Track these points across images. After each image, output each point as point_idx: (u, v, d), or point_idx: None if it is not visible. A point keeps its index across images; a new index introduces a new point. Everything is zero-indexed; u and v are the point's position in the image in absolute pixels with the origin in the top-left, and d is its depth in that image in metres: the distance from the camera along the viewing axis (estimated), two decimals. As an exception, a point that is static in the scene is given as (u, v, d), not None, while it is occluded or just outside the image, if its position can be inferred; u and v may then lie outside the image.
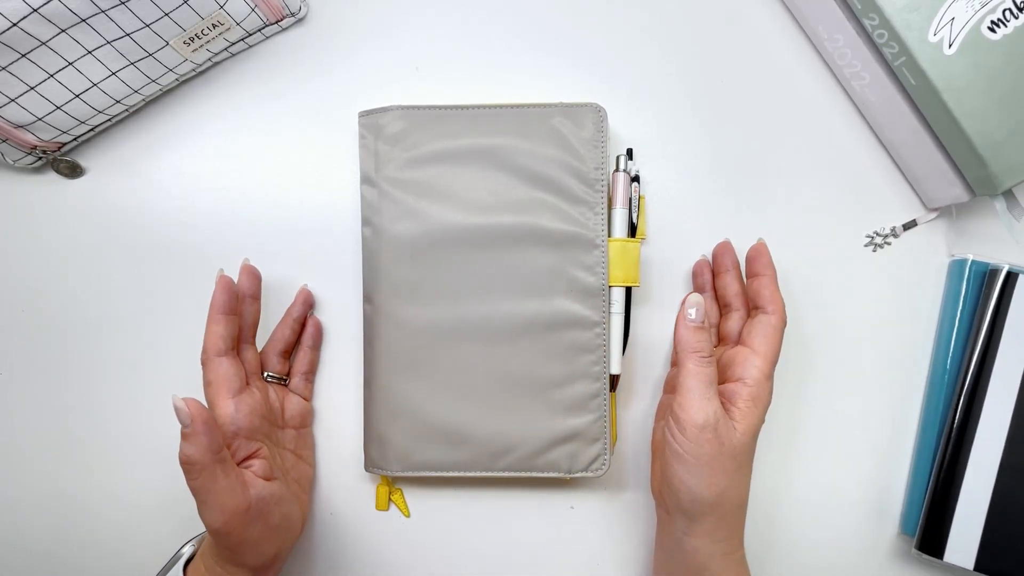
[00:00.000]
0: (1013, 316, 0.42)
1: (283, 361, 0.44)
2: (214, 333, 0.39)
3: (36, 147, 0.43)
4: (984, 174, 0.40)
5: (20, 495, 0.46)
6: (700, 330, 0.37)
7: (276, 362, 0.44)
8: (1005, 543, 0.41)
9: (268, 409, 0.41)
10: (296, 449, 0.43)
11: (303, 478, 0.43)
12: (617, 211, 0.42)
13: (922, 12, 0.39)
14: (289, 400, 0.44)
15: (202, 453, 0.33)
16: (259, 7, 0.42)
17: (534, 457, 0.41)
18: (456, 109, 0.42)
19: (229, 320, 0.39)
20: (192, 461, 0.34)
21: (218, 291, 0.39)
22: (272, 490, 0.37)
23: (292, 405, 0.43)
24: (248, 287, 0.42)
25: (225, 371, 0.38)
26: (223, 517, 0.34)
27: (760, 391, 0.37)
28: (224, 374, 0.38)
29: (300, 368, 0.45)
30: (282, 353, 0.44)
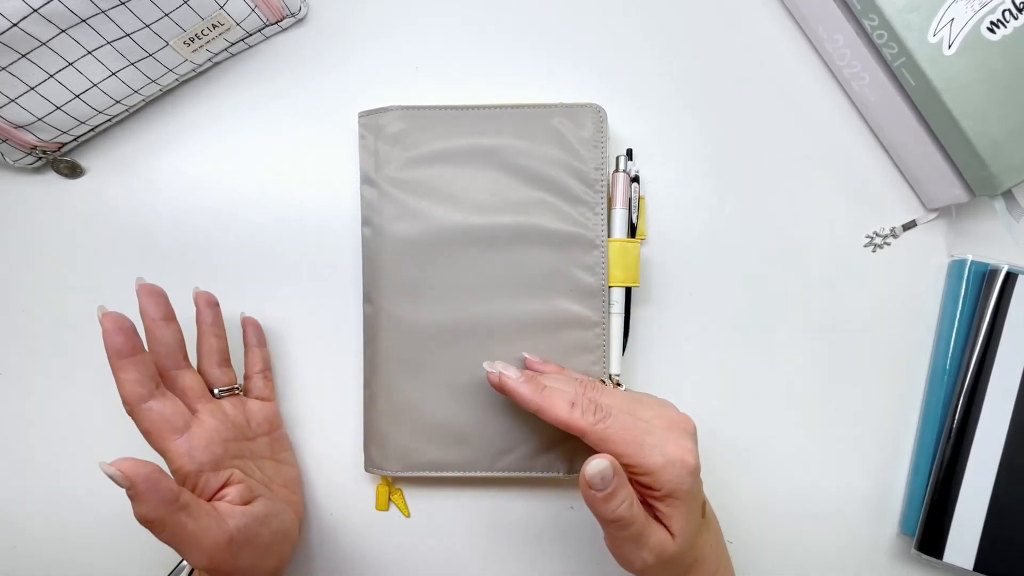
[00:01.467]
0: (1013, 316, 0.42)
1: (226, 371, 0.41)
2: (125, 381, 0.34)
3: (36, 147, 0.43)
4: (984, 174, 0.40)
5: (20, 495, 0.46)
6: (611, 497, 0.32)
7: (218, 374, 0.40)
8: (1005, 543, 0.41)
9: (228, 428, 0.38)
10: (273, 454, 0.42)
11: (289, 480, 0.42)
12: (617, 211, 0.42)
13: (922, 12, 0.39)
14: (250, 408, 0.41)
15: (156, 509, 0.31)
16: (259, 7, 0.42)
17: (534, 457, 0.41)
18: (456, 109, 0.42)
19: (138, 361, 0.34)
20: (149, 519, 0.31)
21: (109, 334, 0.34)
22: (255, 513, 0.35)
23: (255, 412, 0.41)
24: (154, 310, 0.37)
25: (158, 414, 0.35)
26: (205, 556, 0.33)
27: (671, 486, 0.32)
28: (158, 418, 0.35)
29: (253, 369, 0.43)
30: (220, 364, 0.41)
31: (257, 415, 0.41)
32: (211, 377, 0.40)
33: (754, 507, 0.45)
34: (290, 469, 0.43)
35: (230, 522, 0.34)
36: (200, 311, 0.41)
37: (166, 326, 0.37)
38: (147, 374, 0.35)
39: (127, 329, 0.34)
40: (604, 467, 0.31)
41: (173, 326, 0.38)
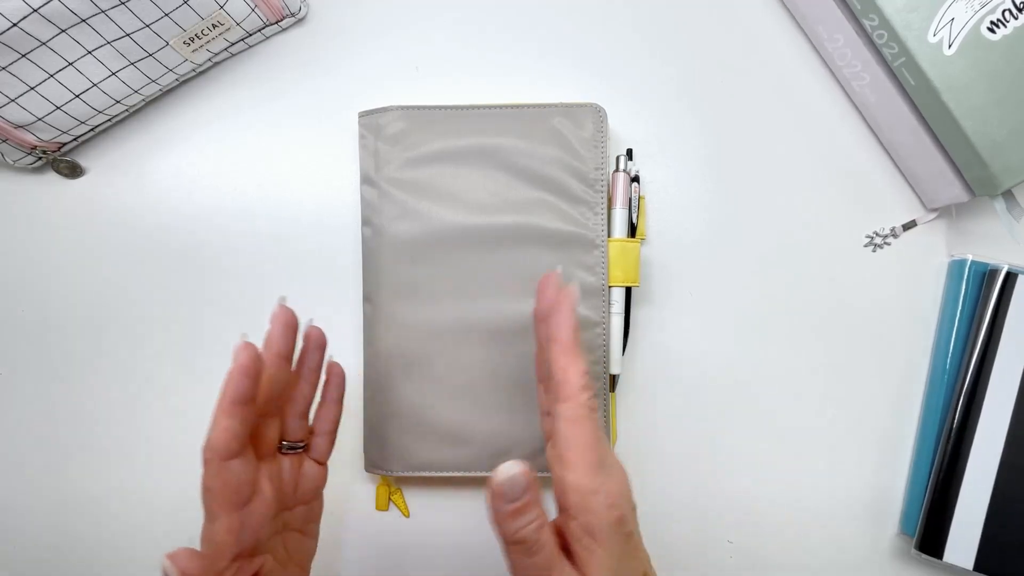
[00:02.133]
0: (1013, 316, 0.42)
1: (304, 424, 0.36)
2: (227, 429, 0.29)
3: (36, 147, 0.43)
4: (984, 174, 0.40)
5: (20, 495, 0.46)
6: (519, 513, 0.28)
7: (296, 427, 0.35)
8: (1005, 543, 0.41)
9: (280, 499, 0.33)
10: (304, 525, 0.36)
11: (304, 557, 0.37)
12: (617, 211, 0.42)
13: (922, 12, 0.39)
14: (304, 471, 0.36)
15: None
16: (259, 7, 0.42)
17: (534, 457, 0.41)
18: (456, 109, 0.42)
19: (247, 411, 0.29)
20: None
21: (238, 375, 0.29)
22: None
23: (307, 476, 0.36)
24: (282, 344, 0.32)
25: (235, 478, 0.29)
26: None
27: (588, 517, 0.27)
28: (233, 483, 0.29)
29: (324, 427, 0.37)
30: (302, 416, 0.36)
31: (308, 481, 0.36)
32: (288, 428, 0.35)
33: (754, 507, 0.45)
34: (311, 543, 0.37)
35: None
36: (307, 351, 0.36)
37: (282, 366, 0.33)
38: (247, 429, 0.30)
39: (256, 373, 0.29)
40: (516, 473, 0.27)
41: (287, 367, 0.33)
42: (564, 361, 0.29)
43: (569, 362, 0.29)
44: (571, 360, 0.29)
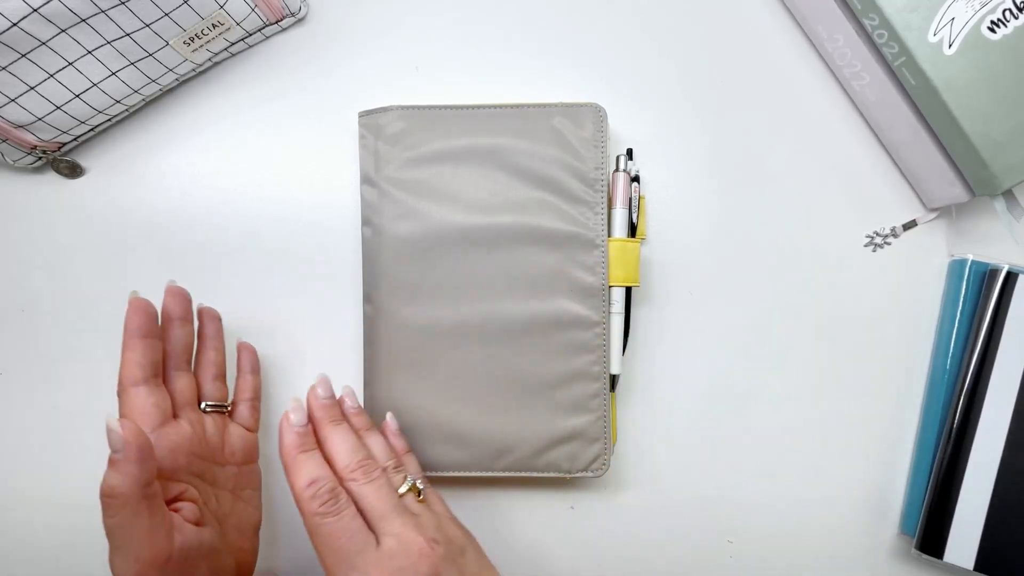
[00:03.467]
0: (1013, 316, 0.42)
1: (219, 386, 0.40)
2: (129, 360, 0.34)
3: (36, 147, 0.43)
4: (984, 174, 0.40)
5: (20, 495, 0.46)
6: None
7: (212, 388, 0.39)
8: (1005, 543, 0.41)
9: (201, 444, 0.36)
10: (237, 487, 0.39)
11: (244, 523, 0.38)
12: (617, 211, 0.42)
13: (922, 12, 0.39)
14: (230, 432, 0.39)
15: (130, 485, 0.29)
16: (259, 7, 0.42)
17: (534, 457, 0.41)
18: (456, 109, 0.42)
19: (148, 344, 0.35)
20: (115, 494, 0.29)
21: (131, 312, 0.35)
22: (202, 538, 0.33)
23: (234, 438, 0.39)
24: (175, 308, 0.38)
25: (142, 402, 0.34)
26: (136, 567, 0.30)
27: None
28: (141, 406, 0.34)
29: (243, 395, 0.41)
30: (215, 378, 0.40)
31: (235, 442, 0.39)
32: (204, 389, 0.39)
33: (754, 507, 0.45)
34: (251, 511, 0.39)
35: (176, 538, 0.31)
36: (203, 323, 0.41)
37: (181, 326, 0.38)
38: (150, 360, 0.35)
39: (149, 314, 0.35)
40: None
41: (187, 328, 0.38)
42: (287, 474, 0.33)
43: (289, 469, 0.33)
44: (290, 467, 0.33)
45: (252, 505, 0.39)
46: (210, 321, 0.41)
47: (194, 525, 0.33)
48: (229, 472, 0.38)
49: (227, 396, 0.41)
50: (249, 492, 0.40)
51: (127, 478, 0.29)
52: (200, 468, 0.36)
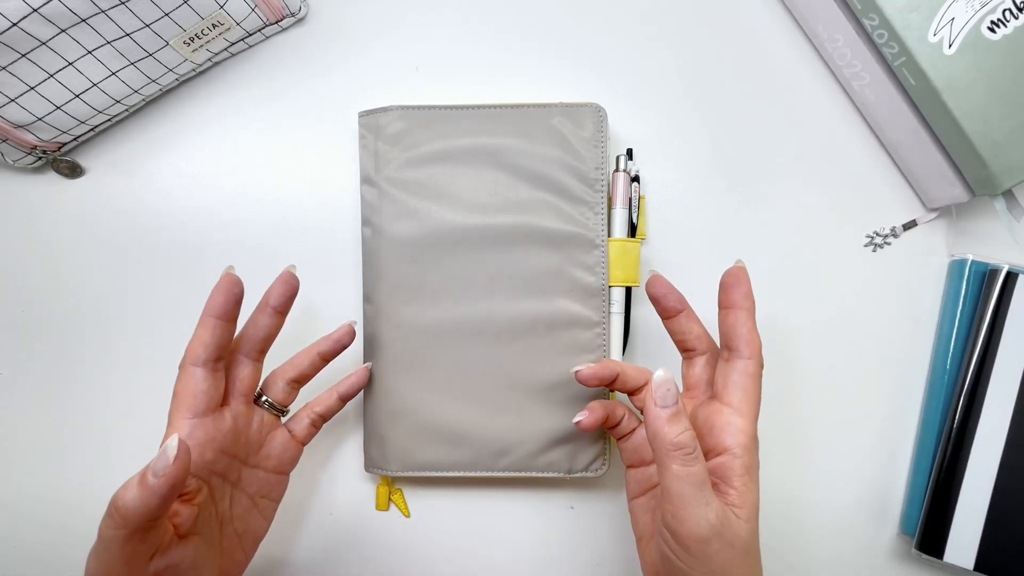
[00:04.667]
0: (1013, 316, 0.42)
1: (290, 391, 0.38)
2: (198, 338, 0.33)
3: (36, 147, 0.43)
4: (984, 174, 0.40)
5: (19, 495, 0.46)
6: (677, 418, 0.29)
7: (280, 389, 0.38)
8: (1005, 543, 0.41)
9: (237, 440, 0.35)
10: (257, 492, 0.37)
11: (249, 531, 0.37)
12: (617, 211, 0.42)
13: (922, 12, 0.39)
14: (274, 437, 0.37)
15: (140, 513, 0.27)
16: (259, 7, 0.42)
17: (534, 457, 0.41)
18: (456, 109, 0.42)
19: (220, 326, 0.34)
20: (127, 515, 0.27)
21: (216, 290, 0.34)
22: (183, 556, 0.30)
23: (275, 444, 0.37)
24: (273, 296, 0.36)
25: (195, 385, 0.33)
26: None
27: (752, 459, 0.32)
28: (193, 388, 0.33)
29: (314, 406, 0.39)
30: (292, 381, 0.38)
31: (274, 448, 0.37)
32: (274, 386, 0.38)
33: (754, 507, 0.45)
34: (260, 521, 0.38)
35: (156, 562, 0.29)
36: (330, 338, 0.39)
37: (270, 315, 0.36)
38: (218, 343, 0.34)
39: (232, 295, 0.34)
40: (669, 378, 0.30)
41: (276, 320, 0.37)
42: (751, 324, 0.34)
43: (753, 325, 0.34)
44: (754, 324, 0.34)
45: (264, 516, 0.38)
46: (334, 343, 0.39)
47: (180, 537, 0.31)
48: (256, 476, 0.37)
49: (291, 402, 0.39)
50: (267, 502, 0.38)
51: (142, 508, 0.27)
52: (226, 465, 0.35)
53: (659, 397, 0.29)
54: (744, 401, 0.33)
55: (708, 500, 0.29)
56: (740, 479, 0.31)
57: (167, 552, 0.30)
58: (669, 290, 0.37)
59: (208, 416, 0.33)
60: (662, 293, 0.37)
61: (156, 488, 0.27)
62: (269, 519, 0.38)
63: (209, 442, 0.33)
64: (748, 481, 0.31)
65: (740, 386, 0.33)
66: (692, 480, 0.29)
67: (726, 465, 0.31)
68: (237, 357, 0.36)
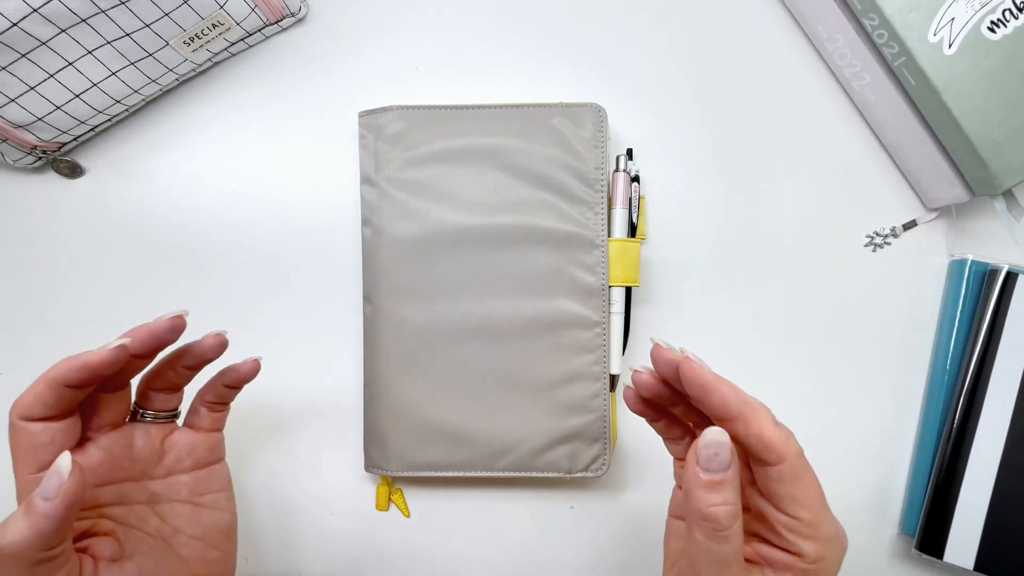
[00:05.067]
0: (1013, 316, 0.42)
1: (170, 397, 0.33)
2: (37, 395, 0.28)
3: (36, 147, 0.43)
4: (984, 174, 0.40)
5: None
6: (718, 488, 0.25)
7: (156, 399, 0.33)
8: (1005, 543, 0.41)
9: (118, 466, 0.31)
10: (192, 496, 0.34)
11: (210, 530, 0.34)
12: (617, 211, 0.42)
13: (922, 12, 0.39)
14: (174, 441, 0.34)
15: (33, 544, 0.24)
16: (259, 7, 0.42)
17: (534, 457, 0.41)
18: (456, 109, 0.42)
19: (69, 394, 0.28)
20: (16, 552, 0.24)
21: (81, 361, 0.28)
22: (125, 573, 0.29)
23: (180, 445, 0.34)
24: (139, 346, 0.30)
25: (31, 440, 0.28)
26: None
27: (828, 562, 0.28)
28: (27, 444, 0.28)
29: (204, 397, 0.35)
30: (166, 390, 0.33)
31: (181, 449, 0.34)
32: (147, 400, 0.33)
33: (754, 507, 0.45)
34: (217, 515, 0.34)
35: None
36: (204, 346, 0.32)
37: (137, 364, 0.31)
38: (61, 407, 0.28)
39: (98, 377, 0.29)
40: (724, 441, 0.25)
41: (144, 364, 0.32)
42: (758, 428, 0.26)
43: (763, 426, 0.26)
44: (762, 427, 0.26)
45: (218, 508, 0.35)
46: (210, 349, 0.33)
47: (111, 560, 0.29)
48: (175, 483, 0.34)
49: (176, 404, 0.34)
50: (212, 496, 0.35)
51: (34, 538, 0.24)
52: (121, 492, 0.32)
53: (704, 458, 0.25)
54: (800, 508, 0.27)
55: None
56: None
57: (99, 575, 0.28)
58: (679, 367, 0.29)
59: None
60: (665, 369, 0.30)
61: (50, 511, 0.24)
62: (226, 508, 0.35)
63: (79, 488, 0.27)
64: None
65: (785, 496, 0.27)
66: (714, 558, 0.25)
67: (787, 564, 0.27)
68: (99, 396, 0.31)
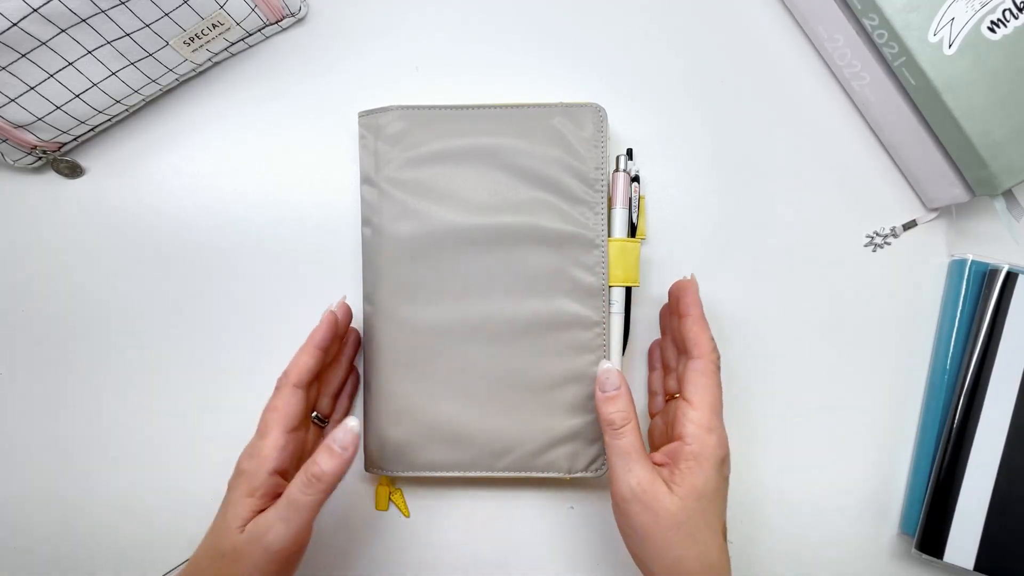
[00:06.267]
0: (1013, 316, 0.42)
1: (332, 403, 0.43)
2: (303, 364, 0.38)
3: (36, 147, 0.43)
4: (984, 174, 0.40)
5: (19, 496, 0.46)
6: (612, 401, 0.37)
7: (326, 404, 0.43)
8: (1005, 543, 0.41)
9: (305, 453, 0.39)
10: None
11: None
12: (617, 211, 0.42)
13: (922, 12, 0.39)
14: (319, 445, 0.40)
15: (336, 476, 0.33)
16: (259, 7, 0.42)
17: (534, 457, 0.41)
18: (456, 109, 0.42)
19: (321, 356, 0.38)
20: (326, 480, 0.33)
21: (323, 325, 0.39)
22: None
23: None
24: (343, 328, 0.41)
25: (296, 404, 0.37)
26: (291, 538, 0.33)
27: (701, 447, 0.35)
28: (293, 408, 0.37)
29: (337, 416, 0.44)
30: (333, 395, 0.43)
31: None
32: (321, 402, 0.42)
33: (754, 507, 0.45)
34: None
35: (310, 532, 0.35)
36: (349, 345, 0.44)
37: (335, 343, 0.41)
38: (316, 369, 0.38)
39: (335, 331, 0.39)
40: (611, 369, 0.38)
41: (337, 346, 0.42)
42: (697, 328, 0.38)
43: (700, 329, 0.38)
44: (702, 328, 0.38)
45: None
46: (352, 346, 0.44)
47: None
48: None
49: (331, 412, 0.43)
50: None
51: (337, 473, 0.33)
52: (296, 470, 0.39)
53: (600, 383, 0.37)
54: (696, 395, 0.36)
55: (630, 468, 0.35)
56: (685, 463, 0.35)
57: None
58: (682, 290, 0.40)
59: (297, 432, 0.37)
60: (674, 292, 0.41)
61: (345, 457, 0.34)
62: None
63: (294, 454, 0.37)
64: (694, 466, 0.34)
65: (692, 382, 0.36)
66: (617, 450, 0.36)
67: (675, 450, 0.36)
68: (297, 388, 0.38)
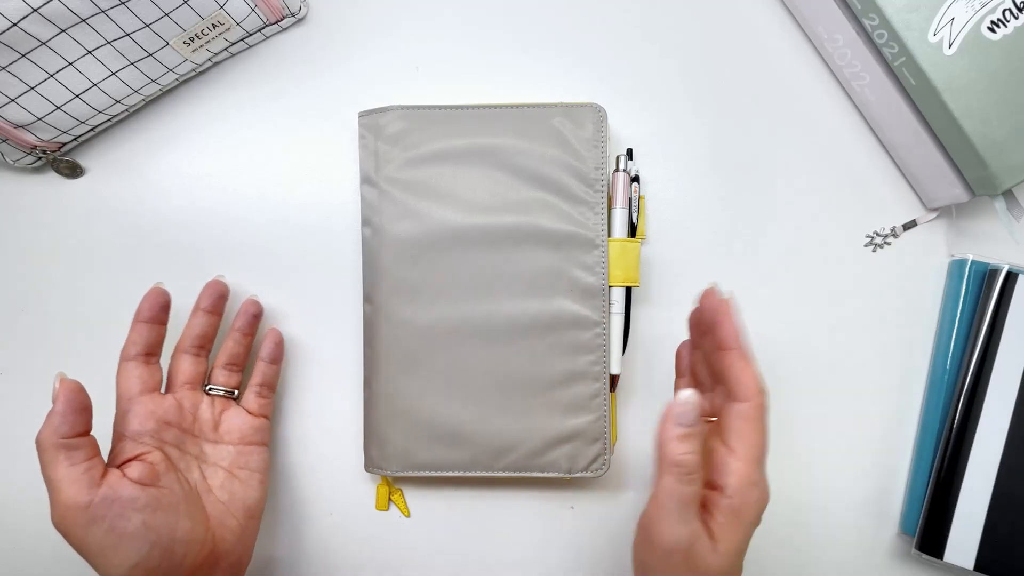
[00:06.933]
0: (1013, 316, 0.42)
1: (230, 375, 0.42)
2: (128, 340, 0.39)
3: (36, 147, 0.43)
4: (984, 174, 0.40)
5: (19, 495, 0.46)
6: (687, 440, 0.31)
7: (220, 375, 0.42)
8: (1005, 543, 0.41)
9: (184, 419, 0.39)
10: (232, 466, 0.40)
11: (235, 499, 0.40)
12: (617, 211, 0.42)
13: (922, 12, 0.39)
14: (229, 414, 0.41)
15: (47, 434, 0.33)
16: (259, 7, 0.42)
17: (534, 457, 0.41)
18: (456, 109, 0.42)
19: (146, 327, 0.39)
20: (37, 442, 0.33)
21: (143, 300, 0.39)
22: (136, 494, 0.34)
23: (232, 420, 0.41)
24: (201, 300, 0.41)
25: (128, 376, 0.38)
26: (58, 512, 0.33)
27: (743, 502, 0.31)
28: (127, 376, 0.38)
29: (253, 380, 0.43)
30: (226, 366, 0.42)
31: (231, 423, 0.41)
32: (213, 374, 0.42)
33: (754, 507, 0.45)
34: (247, 491, 0.40)
35: (97, 489, 0.33)
36: (237, 316, 0.43)
37: (201, 316, 0.41)
38: (147, 342, 0.39)
39: (157, 302, 0.39)
40: (695, 399, 0.31)
41: (209, 319, 0.41)
42: (740, 366, 0.33)
43: (744, 367, 0.33)
44: (745, 365, 0.33)
45: (250, 486, 0.40)
46: (243, 315, 0.43)
47: (140, 484, 0.35)
48: (221, 450, 0.41)
49: (238, 384, 0.43)
50: (247, 473, 0.41)
51: (46, 428, 0.33)
52: (179, 439, 0.39)
53: (677, 415, 0.31)
54: (739, 443, 0.32)
55: (688, 520, 0.31)
56: (724, 517, 0.31)
57: (118, 486, 0.34)
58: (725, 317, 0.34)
59: (144, 395, 0.38)
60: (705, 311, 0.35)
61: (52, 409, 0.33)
62: (257, 489, 0.41)
63: (149, 415, 0.38)
64: (734, 521, 0.31)
65: (735, 429, 0.32)
66: (681, 498, 0.31)
67: (714, 500, 0.32)
68: (178, 354, 0.41)
